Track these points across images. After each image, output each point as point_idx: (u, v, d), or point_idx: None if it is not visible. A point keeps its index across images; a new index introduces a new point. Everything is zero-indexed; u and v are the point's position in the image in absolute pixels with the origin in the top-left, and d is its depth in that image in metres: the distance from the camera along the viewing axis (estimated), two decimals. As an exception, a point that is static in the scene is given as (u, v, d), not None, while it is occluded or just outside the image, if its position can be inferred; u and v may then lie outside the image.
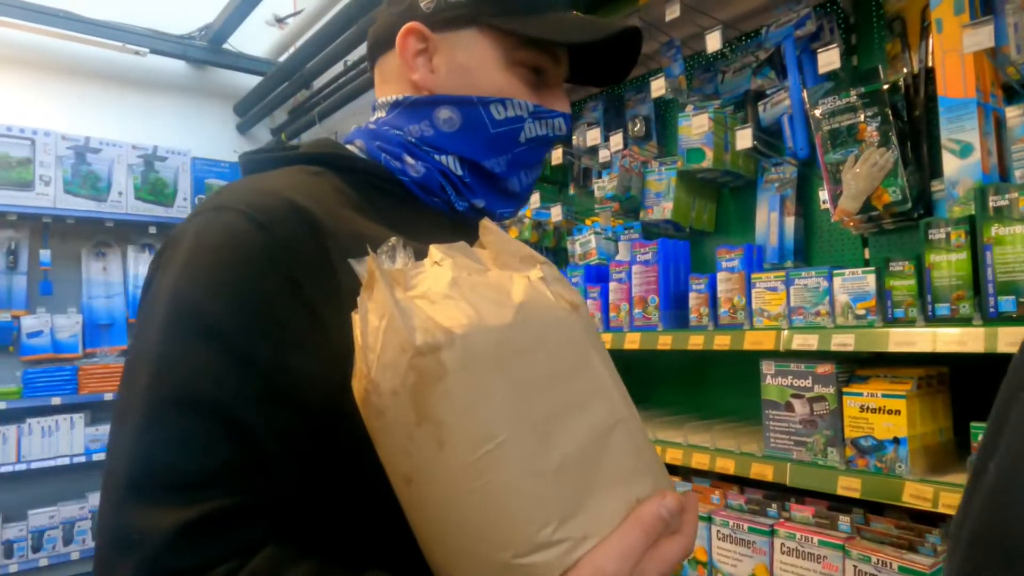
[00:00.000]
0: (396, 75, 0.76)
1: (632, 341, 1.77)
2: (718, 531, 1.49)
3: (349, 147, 0.77)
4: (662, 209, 1.93)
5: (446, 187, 0.74)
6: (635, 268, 1.80)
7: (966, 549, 0.41)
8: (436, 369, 0.51)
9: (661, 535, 0.57)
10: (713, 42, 1.66)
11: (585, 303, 0.63)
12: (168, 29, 3.87)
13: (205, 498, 0.50)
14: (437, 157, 0.73)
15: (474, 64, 0.73)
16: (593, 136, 2.01)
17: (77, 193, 3.38)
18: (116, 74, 3.83)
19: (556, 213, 2.20)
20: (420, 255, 0.62)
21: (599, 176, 2.13)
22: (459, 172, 0.74)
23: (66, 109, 3.62)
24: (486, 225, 0.65)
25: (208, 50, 3.99)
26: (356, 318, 0.55)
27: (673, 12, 1.71)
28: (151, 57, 3.86)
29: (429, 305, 0.55)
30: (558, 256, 2.46)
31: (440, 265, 0.59)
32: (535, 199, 2.26)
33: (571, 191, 2.41)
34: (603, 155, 2.03)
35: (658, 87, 1.80)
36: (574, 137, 2.18)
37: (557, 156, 2.14)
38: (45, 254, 3.40)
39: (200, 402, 0.53)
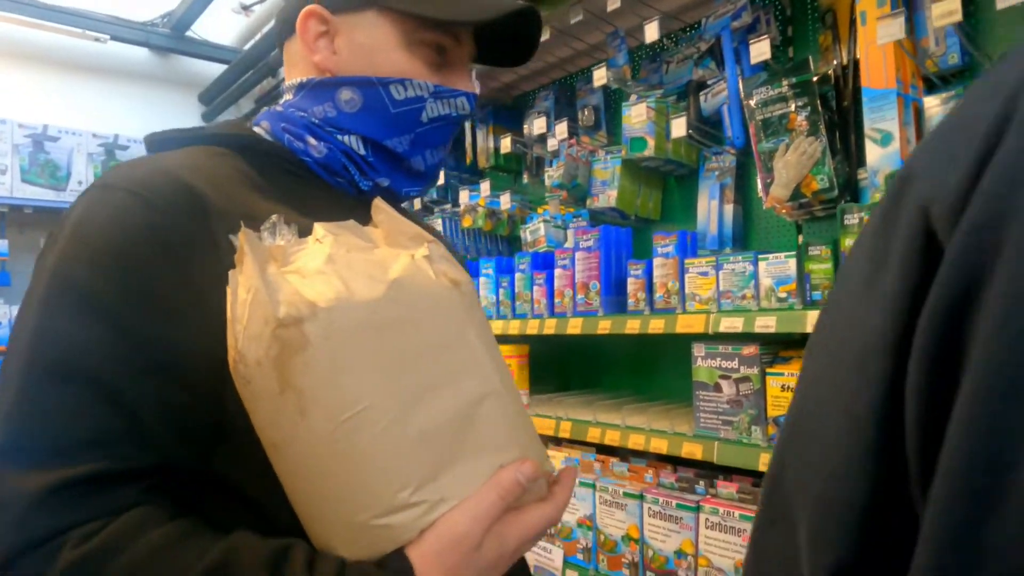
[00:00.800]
0: (301, 58, 0.78)
1: (575, 326, 1.81)
2: (649, 508, 1.54)
3: (256, 129, 0.79)
4: (607, 197, 1.96)
5: (348, 167, 0.76)
6: (578, 255, 1.84)
7: (762, 500, 0.45)
8: (298, 340, 0.54)
9: (519, 499, 0.60)
10: (651, 32, 1.70)
11: (470, 281, 0.66)
12: (129, 15, 3.82)
13: (75, 463, 0.53)
14: (340, 137, 0.75)
15: (375, 45, 0.75)
16: (540, 125, 2.04)
17: (35, 182, 3.34)
18: (76, 61, 3.78)
19: (505, 201, 2.23)
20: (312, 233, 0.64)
21: (550, 165, 2.16)
22: (362, 152, 0.76)
23: (23, 96, 3.57)
24: (378, 205, 0.68)
25: (171, 37, 3.94)
26: (228, 292, 0.58)
27: (614, 3, 1.74)
28: (112, 44, 3.80)
29: (300, 280, 0.58)
30: (512, 244, 2.49)
31: (321, 242, 0.62)
32: (486, 187, 2.29)
33: (525, 180, 2.44)
34: (551, 144, 2.06)
35: (600, 76, 1.84)
36: (524, 126, 2.21)
37: (506, 145, 2.17)
38: (2, 244, 3.36)
39: (75, 372, 0.55)
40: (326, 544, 0.58)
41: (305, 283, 0.57)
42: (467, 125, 2.37)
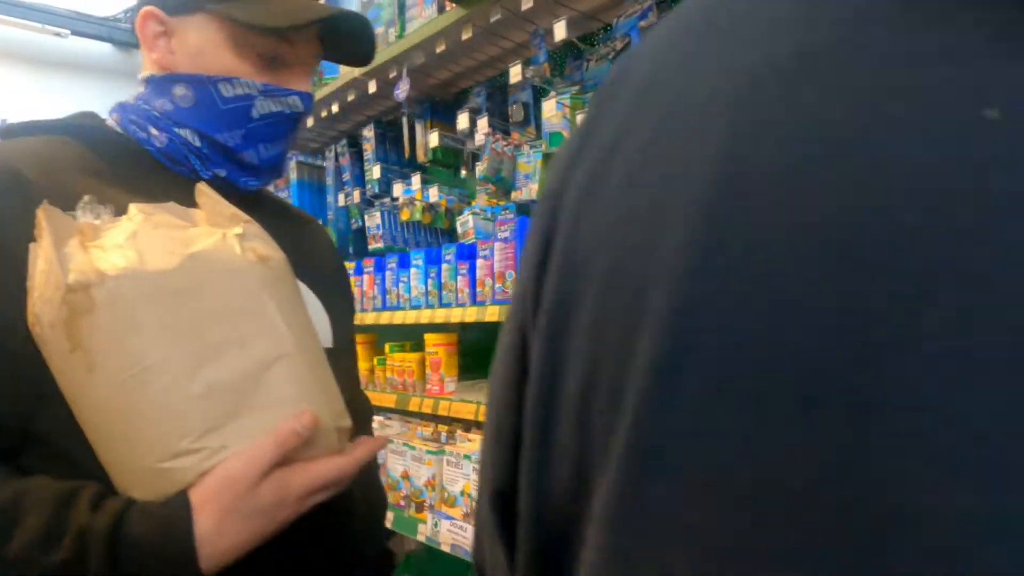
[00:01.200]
0: (147, 55, 0.85)
1: (492, 314, 1.88)
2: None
3: (108, 120, 0.86)
4: (529, 190, 2.03)
5: (190, 157, 0.83)
6: (496, 245, 1.91)
7: None
8: (85, 304, 0.61)
9: (305, 451, 0.67)
10: (560, 31, 1.76)
11: (283, 259, 0.72)
12: (91, 11, 3.86)
13: None
14: (177, 130, 0.82)
15: (205, 47, 0.81)
16: (464, 120, 2.11)
17: (-8, 175, 3.38)
18: (36, 56, 3.82)
19: (434, 194, 2.30)
20: None
21: (479, 159, 2.22)
22: (197, 144, 0.82)
23: (-18, 91, 3.61)
24: (200, 189, 0.75)
25: (134, 32, 3.97)
26: (29, 263, 0.65)
27: (527, 2, 1.81)
28: (73, 39, 3.85)
29: (100, 253, 0.64)
30: (452, 237, 2.55)
31: (131, 220, 0.69)
32: (416, 181, 2.35)
33: (463, 174, 2.50)
34: (478, 139, 2.13)
35: (515, 73, 1.91)
36: (457, 123, 2.28)
37: (434, 140, 2.24)
38: (-39, 235, 3.40)
39: None
40: (124, 489, 0.64)
41: (103, 255, 0.64)
42: (405, 120, 2.43)
